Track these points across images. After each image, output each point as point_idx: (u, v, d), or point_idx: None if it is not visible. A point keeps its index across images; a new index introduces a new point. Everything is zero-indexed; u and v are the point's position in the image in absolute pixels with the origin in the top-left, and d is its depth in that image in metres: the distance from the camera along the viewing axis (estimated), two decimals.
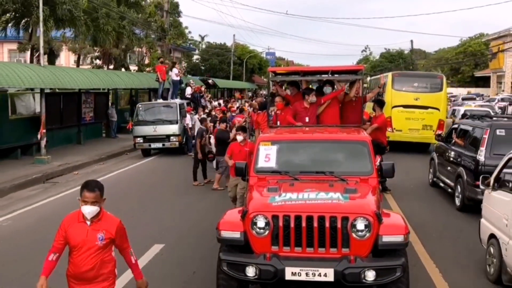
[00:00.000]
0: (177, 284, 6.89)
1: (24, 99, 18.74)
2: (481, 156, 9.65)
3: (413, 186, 12.78)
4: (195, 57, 59.91)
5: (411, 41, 69.46)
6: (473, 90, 60.24)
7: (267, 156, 6.55)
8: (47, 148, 17.03)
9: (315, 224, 5.29)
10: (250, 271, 5.20)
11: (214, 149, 13.06)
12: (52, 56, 28.39)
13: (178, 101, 20.21)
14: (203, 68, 59.85)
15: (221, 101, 31.49)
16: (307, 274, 5.13)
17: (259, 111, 11.55)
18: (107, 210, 4.46)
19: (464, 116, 17.85)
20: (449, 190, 11.27)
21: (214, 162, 12.82)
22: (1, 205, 11.48)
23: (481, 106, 29.11)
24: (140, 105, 19.89)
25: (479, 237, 7.38)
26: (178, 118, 18.46)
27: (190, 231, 9.24)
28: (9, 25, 23.61)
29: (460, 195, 10.30)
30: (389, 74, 19.66)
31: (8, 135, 16.78)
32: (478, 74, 62.53)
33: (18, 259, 7.70)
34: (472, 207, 9.09)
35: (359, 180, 6.24)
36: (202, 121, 15.02)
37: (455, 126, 12.49)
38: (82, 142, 21.03)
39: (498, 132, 9.73)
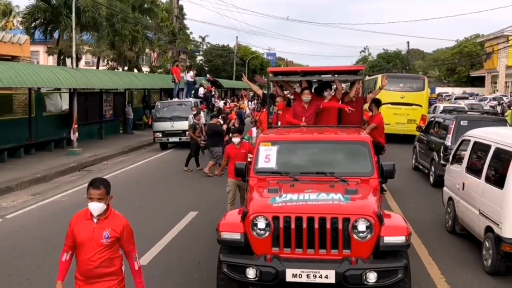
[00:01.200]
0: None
1: (52, 98, 21.07)
2: (448, 141, 12.05)
3: (399, 170, 15.14)
4: (199, 58, 62.20)
5: (407, 42, 71.95)
6: (469, 89, 61.41)
7: (267, 156, 6.51)
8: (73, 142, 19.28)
9: (316, 225, 5.24)
10: (251, 273, 5.15)
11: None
12: (76, 59, 30.72)
13: (192, 100, 22.29)
14: (207, 68, 62.03)
15: (228, 100, 33.78)
16: (308, 276, 5.08)
17: (262, 109, 11.59)
18: (145, 192, 4.89)
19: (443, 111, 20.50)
20: (426, 171, 13.81)
21: (206, 150, 15.13)
22: (52, 186, 13.52)
23: (471, 104, 31.42)
24: (159, 104, 22.02)
25: (442, 201, 9.53)
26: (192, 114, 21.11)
27: (216, 202, 10.69)
28: (38, 30, 25.47)
29: (433, 174, 12.73)
30: (379, 76, 22.52)
31: (43, 130, 19.02)
32: (473, 74, 63.25)
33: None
34: (441, 183, 10.10)
35: (359, 181, 6.17)
36: (212, 117, 16.67)
37: (432, 119, 15.18)
38: (103, 137, 23.07)
39: (461, 122, 12.16)
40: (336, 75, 8.92)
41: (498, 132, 8.51)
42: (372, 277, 5.00)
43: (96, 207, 4.14)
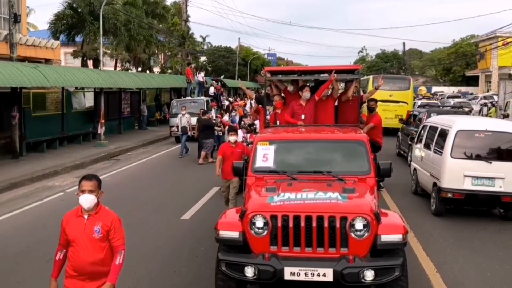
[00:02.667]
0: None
1: (77, 97, 23.15)
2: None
3: (385, 156, 15.93)
4: (202, 58, 64.52)
5: (403, 43, 74.29)
6: (464, 89, 62.89)
7: (265, 156, 6.52)
8: (97, 135, 21.40)
9: (314, 224, 5.24)
10: (249, 271, 5.16)
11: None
12: (97, 62, 33.15)
13: (204, 98, 25.51)
14: (210, 68, 64.37)
15: (230, 99, 36.25)
16: (306, 274, 5.09)
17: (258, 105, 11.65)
18: (171, 174, 5.91)
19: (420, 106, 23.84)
20: (405, 155, 16.63)
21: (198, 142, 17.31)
22: (90, 171, 14.58)
23: (460, 102, 33.91)
24: (174, 101, 24.85)
25: (410, 172, 12.56)
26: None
27: None
28: (62, 34, 28.14)
29: (409, 155, 15.04)
30: (370, 77, 25.32)
31: (72, 125, 21.36)
32: (468, 73, 63.61)
33: (123, 197, 11.75)
34: None
35: (357, 180, 6.19)
36: (204, 113, 18.04)
37: (411, 113, 18.85)
38: (122, 132, 25.25)
39: (432, 114, 15.28)
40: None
41: (444, 118, 11.81)
42: (369, 275, 5.02)
43: (87, 198, 4.20)
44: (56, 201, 11.76)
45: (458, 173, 9.41)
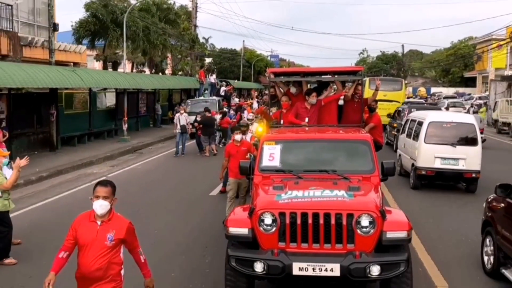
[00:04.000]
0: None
1: (99, 97, 24.19)
2: (403, 121, 16.36)
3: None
4: (208, 60, 66.78)
5: (402, 46, 76.34)
6: (462, 89, 60.62)
7: (271, 155, 6.55)
8: (119, 132, 23.34)
9: (321, 221, 5.23)
10: (258, 267, 5.17)
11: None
12: (116, 64, 34.89)
13: (215, 98, 27.19)
14: (215, 70, 66.69)
15: (236, 100, 38.52)
16: (313, 269, 5.11)
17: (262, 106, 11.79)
18: (193, 163, 6.71)
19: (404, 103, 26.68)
20: (392, 143, 18.84)
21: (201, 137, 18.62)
22: (120, 162, 17.32)
23: (454, 102, 36.17)
24: (189, 101, 26.67)
25: (396, 158, 14.38)
26: (217, 110, 23.76)
27: None
28: (85, 39, 29.66)
29: (395, 144, 17.39)
30: (367, 79, 28.14)
31: (97, 122, 22.56)
32: (467, 75, 64.67)
33: (157, 180, 13.93)
34: None
35: (361, 178, 6.20)
36: (206, 111, 19.45)
37: (397, 109, 21.62)
38: (139, 129, 26.37)
39: (413, 110, 17.99)
40: (335, 76, 9.07)
41: (420, 113, 14.59)
42: (375, 270, 5.05)
43: (101, 204, 4.11)
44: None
45: (430, 155, 11.82)
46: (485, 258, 6.98)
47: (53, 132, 18.30)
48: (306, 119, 8.40)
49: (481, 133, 17.69)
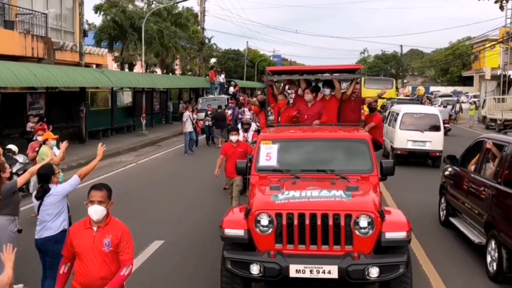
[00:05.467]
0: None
1: (118, 95, 25.38)
2: (386, 113, 18.46)
3: None
4: (212, 60, 69.31)
5: (401, 46, 78.32)
6: (460, 88, 60.76)
7: (268, 154, 6.32)
8: (136, 128, 25.09)
9: (319, 222, 4.98)
10: (255, 269, 4.95)
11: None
12: (131, 66, 36.78)
13: (224, 96, 29.60)
14: (220, 70, 69.14)
15: (241, 98, 41.04)
16: (311, 271, 4.90)
17: (262, 109, 10.47)
18: (207, 154, 7.22)
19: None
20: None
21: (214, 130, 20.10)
22: (143, 152, 18.65)
23: (447, 100, 38.59)
24: (200, 99, 28.53)
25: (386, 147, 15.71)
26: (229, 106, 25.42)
27: None
28: (104, 42, 31.51)
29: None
30: (362, 78, 32.09)
31: (117, 118, 23.95)
32: (465, 74, 64.61)
33: (178, 168, 15.46)
34: None
35: (360, 178, 5.91)
36: (219, 108, 20.94)
37: (383, 104, 24.30)
38: (153, 125, 27.43)
39: (393, 104, 21.20)
40: (334, 74, 8.66)
41: (398, 106, 17.71)
42: (374, 272, 4.85)
43: (96, 210, 3.80)
44: (133, 168, 15.38)
45: (404, 139, 14.95)
46: (441, 213, 9.23)
47: (82, 126, 20.41)
48: (305, 117, 8.08)
49: (447, 124, 23.47)
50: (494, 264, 6.33)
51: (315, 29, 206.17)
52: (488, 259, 6.51)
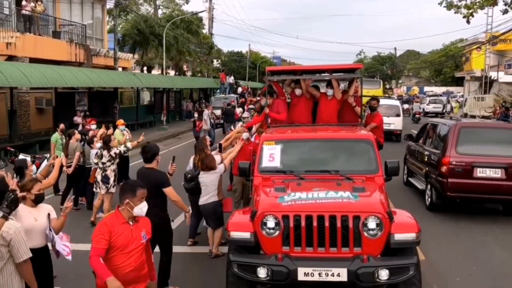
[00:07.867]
0: None
1: (140, 94, 27.14)
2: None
3: None
4: (215, 62, 73.12)
5: (395, 48, 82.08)
6: (453, 89, 62.31)
7: (271, 155, 6.11)
8: (156, 123, 26.70)
9: (326, 224, 4.70)
10: (262, 272, 4.69)
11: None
12: (150, 68, 38.16)
13: (233, 95, 31.95)
14: (223, 71, 72.94)
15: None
16: (320, 275, 4.64)
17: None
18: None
19: None
20: None
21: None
22: (167, 143, 19.83)
23: (434, 99, 42.28)
24: (212, 98, 30.16)
25: None
26: (236, 105, 26.24)
27: None
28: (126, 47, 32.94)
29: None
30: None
31: (141, 115, 25.64)
32: (457, 75, 65.96)
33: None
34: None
35: (365, 179, 5.60)
36: (228, 105, 22.21)
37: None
38: (169, 121, 28.23)
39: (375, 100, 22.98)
40: (333, 74, 8.23)
41: (385, 101, 18.89)
42: (384, 274, 4.62)
43: (143, 208, 3.94)
44: (169, 153, 15.98)
45: None
46: (404, 176, 11.45)
47: (116, 120, 24.53)
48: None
49: (419, 114, 31.90)
50: (429, 199, 9.20)
51: (315, 29, 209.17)
52: (426, 197, 9.18)
